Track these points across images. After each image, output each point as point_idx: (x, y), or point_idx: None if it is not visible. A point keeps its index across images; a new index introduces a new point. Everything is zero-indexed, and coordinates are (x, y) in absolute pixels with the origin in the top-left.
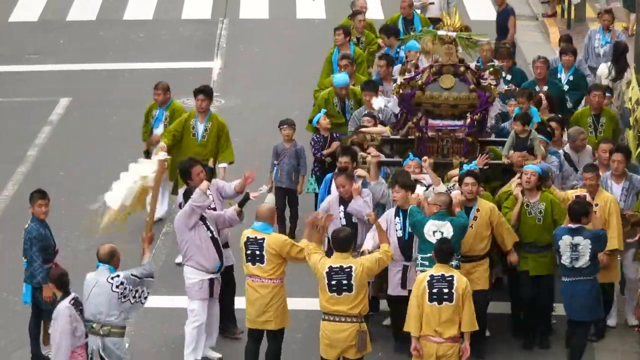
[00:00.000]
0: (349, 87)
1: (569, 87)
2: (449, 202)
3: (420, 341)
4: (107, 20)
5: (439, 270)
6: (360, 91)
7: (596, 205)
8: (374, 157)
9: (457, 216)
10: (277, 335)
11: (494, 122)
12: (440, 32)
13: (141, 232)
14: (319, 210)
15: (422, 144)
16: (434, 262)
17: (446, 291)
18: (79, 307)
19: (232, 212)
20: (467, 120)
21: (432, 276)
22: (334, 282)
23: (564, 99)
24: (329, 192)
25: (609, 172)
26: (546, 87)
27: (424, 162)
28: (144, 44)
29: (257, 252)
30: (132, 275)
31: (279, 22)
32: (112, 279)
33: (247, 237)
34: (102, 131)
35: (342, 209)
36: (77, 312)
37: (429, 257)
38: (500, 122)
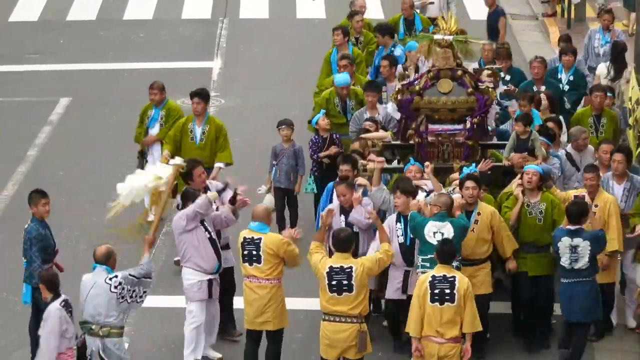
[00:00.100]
0: (350, 87)
1: (569, 87)
2: (449, 203)
3: (421, 341)
4: (107, 20)
5: (441, 271)
6: (361, 91)
7: (596, 206)
8: (378, 163)
9: (458, 217)
10: (276, 335)
11: (494, 124)
12: (436, 36)
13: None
14: (319, 218)
15: (422, 149)
16: (435, 263)
17: (448, 292)
18: (69, 309)
19: (227, 211)
20: (467, 124)
21: (434, 277)
22: (334, 282)
23: (562, 99)
24: (330, 200)
25: (610, 172)
26: (544, 87)
27: (426, 168)
28: (144, 44)
29: (254, 252)
30: (129, 275)
31: (279, 22)
32: (110, 279)
33: (244, 238)
34: (102, 131)
35: (343, 218)
36: (68, 314)
37: (429, 258)
38: (499, 122)
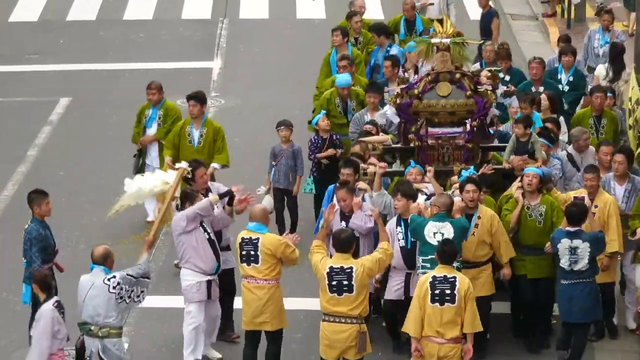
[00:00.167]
0: (351, 88)
1: (569, 88)
2: (448, 204)
3: (421, 341)
4: (107, 20)
5: (442, 271)
6: (362, 92)
7: (595, 206)
8: (380, 168)
9: (458, 218)
10: (275, 336)
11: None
12: (434, 40)
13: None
14: (319, 222)
15: (422, 152)
16: (436, 263)
17: (448, 292)
18: (62, 310)
19: (221, 211)
20: (467, 126)
21: (434, 277)
22: (334, 282)
23: (561, 100)
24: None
25: (611, 173)
26: (542, 88)
27: (428, 173)
28: (144, 44)
29: (251, 252)
30: (127, 275)
31: (279, 22)
32: (109, 280)
33: (242, 238)
34: (102, 131)
35: (343, 224)
36: (60, 315)
37: (430, 259)
38: (498, 123)
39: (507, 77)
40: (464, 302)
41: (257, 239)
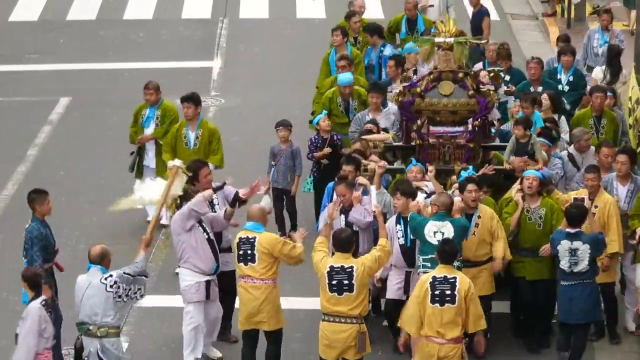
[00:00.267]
0: (353, 87)
1: (569, 88)
2: (448, 203)
3: (421, 341)
4: (107, 20)
5: (442, 271)
6: (365, 92)
7: (596, 207)
8: (380, 168)
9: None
10: (274, 336)
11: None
12: (437, 39)
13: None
14: (320, 218)
15: (423, 150)
16: (436, 263)
17: (448, 293)
18: (49, 310)
19: (223, 213)
20: (468, 126)
21: (434, 278)
22: (334, 282)
23: (561, 100)
24: (331, 199)
25: (614, 173)
26: (540, 88)
27: (429, 173)
28: (144, 44)
29: (248, 251)
30: (124, 273)
31: (279, 21)
32: (106, 279)
33: (239, 238)
34: (102, 131)
35: (342, 217)
36: (48, 314)
37: (430, 258)
38: (499, 123)
39: (507, 77)
40: (465, 302)
41: (254, 238)
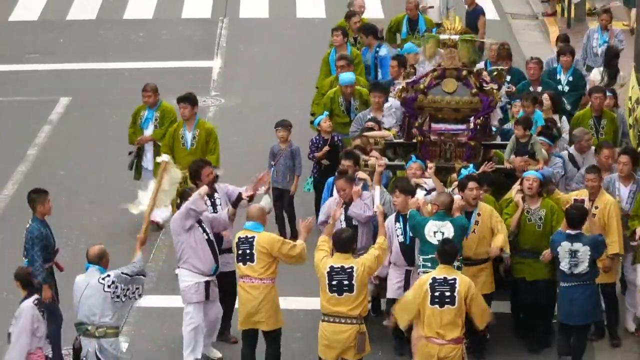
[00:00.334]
0: (354, 87)
1: (569, 88)
2: (448, 203)
3: (421, 342)
4: (107, 19)
5: (442, 272)
6: (366, 92)
7: (596, 207)
8: (379, 166)
9: (458, 217)
10: (273, 336)
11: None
12: (442, 36)
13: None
14: (320, 213)
15: (424, 147)
16: (436, 263)
17: (448, 294)
18: (42, 309)
19: (226, 213)
20: (470, 124)
21: (434, 279)
22: (334, 282)
23: (561, 100)
24: (331, 194)
25: (616, 174)
26: (540, 88)
27: (429, 170)
28: (144, 44)
29: (247, 251)
30: (122, 273)
31: (279, 21)
32: (103, 279)
33: (239, 238)
34: (102, 131)
35: (342, 211)
36: (40, 313)
37: (430, 258)
38: (500, 124)
39: (508, 77)
40: (465, 304)
41: (253, 238)
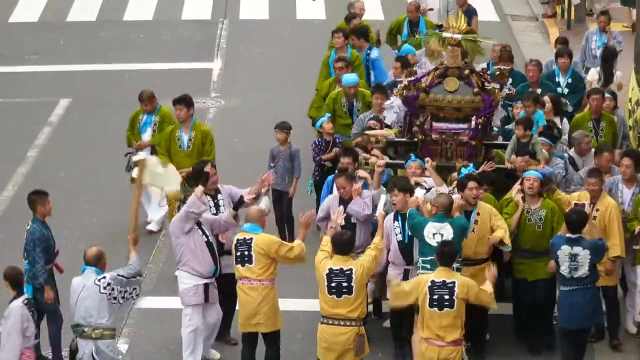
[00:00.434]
0: (357, 88)
1: (568, 90)
2: (447, 204)
3: (421, 343)
4: (107, 20)
5: (441, 275)
6: (369, 94)
7: (597, 210)
8: (379, 167)
9: (457, 218)
10: (272, 338)
11: (500, 124)
12: (445, 34)
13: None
14: (319, 210)
15: (425, 146)
16: (436, 264)
17: (447, 298)
18: (31, 309)
19: (228, 215)
20: (472, 123)
21: (433, 282)
22: (333, 284)
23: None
24: (331, 192)
25: (619, 176)
26: (539, 90)
27: (426, 163)
28: (144, 45)
29: (245, 252)
30: (118, 275)
31: (279, 22)
32: (99, 280)
33: (237, 239)
34: (102, 132)
35: (341, 208)
36: (30, 313)
37: (429, 260)
38: (503, 125)
39: (509, 80)
40: (467, 303)
41: (251, 239)
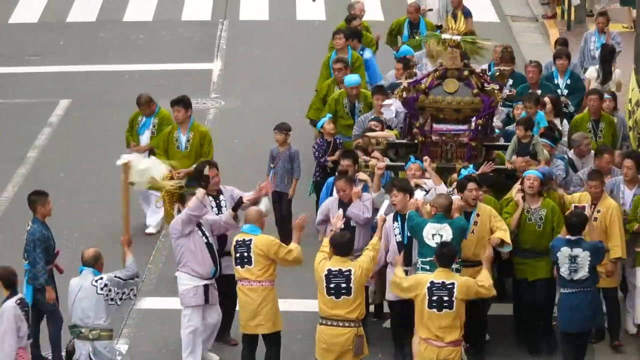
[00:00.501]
0: (359, 88)
1: (568, 91)
2: (446, 205)
3: (421, 344)
4: (107, 21)
5: (440, 276)
6: (370, 95)
7: (598, 211)
8: (379, 169)
9: (456, 218)
10: (272, 339)
11: (501, 125)
12: (444, 35)
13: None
14: (318, 213)
15: (425, 148)
16: (435, 265)
17: (446, 299)
18: (25, 308)
19: (228, 216)
20: (471, 124)
21: (432, 283)
22: (332, 285)
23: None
24: (330, 194)
25: (621, 177)
26: (539, 91)
27: (425, 162)
28: (144, 45)
29: (245, 253)
30: (115, 277)
31: (279, 23)
32: (96, 281)
33: (236, 241)
34: (102, 132)
35: (341, 212)
36: (22, 313)
37: (429, 261)
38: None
39: (510, 81)
40: (465, 305)
41: (250, 241)
